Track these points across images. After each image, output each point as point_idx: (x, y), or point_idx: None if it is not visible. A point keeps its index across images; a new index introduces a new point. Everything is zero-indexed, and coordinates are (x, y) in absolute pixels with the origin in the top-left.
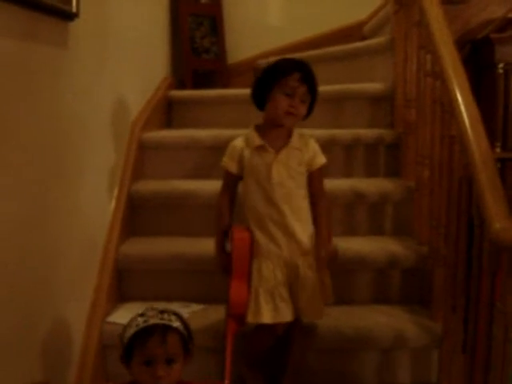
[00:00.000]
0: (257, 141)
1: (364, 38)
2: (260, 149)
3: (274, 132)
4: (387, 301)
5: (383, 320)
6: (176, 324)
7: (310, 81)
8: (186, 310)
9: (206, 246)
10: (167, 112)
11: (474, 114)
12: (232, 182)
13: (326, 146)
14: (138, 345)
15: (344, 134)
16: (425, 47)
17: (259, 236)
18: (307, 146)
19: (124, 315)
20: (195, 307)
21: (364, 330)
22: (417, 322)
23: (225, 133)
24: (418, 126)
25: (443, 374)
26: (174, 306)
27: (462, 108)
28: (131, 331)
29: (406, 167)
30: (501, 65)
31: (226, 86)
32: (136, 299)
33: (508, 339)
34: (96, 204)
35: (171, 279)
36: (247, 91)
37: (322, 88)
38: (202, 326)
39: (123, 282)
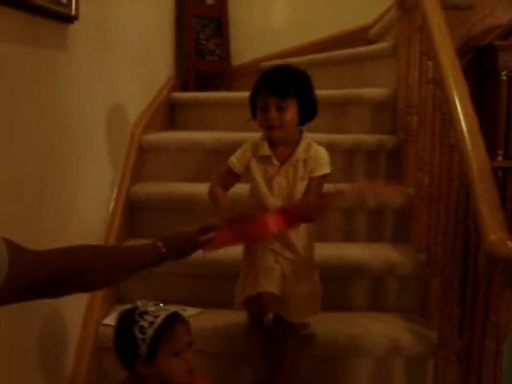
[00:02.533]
0: (265, 150)
1: (370, 43)
2: (266, 159)
3: (281, 143)
4: (384, 308)
5: (379, 327)
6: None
7: (279, 87)
8: (183, 314)
9: None
10: (170, 114)
11: (472, 124)
12: (232, 179)
13: (327, 151)
14: (164, 338)
15: (345, 139)
16: (427, 53)
17: None
18: (314, 155)
19: None
20: (192, 311)
21: (359, 337)
22: (413, 330)
23: (227, 136)
24: (420, 133)
25: (438, 383)
26: None
27: (461, 117)
28: (151, 329)
29: (407, 174)
30: (504, 72)
31: (229, 88)
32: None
33: (500, 350)
34: (94, 205)
35: (169, 282)
36: None
37: (324, 92)
38: (201, 329)
39: (120, 284)
